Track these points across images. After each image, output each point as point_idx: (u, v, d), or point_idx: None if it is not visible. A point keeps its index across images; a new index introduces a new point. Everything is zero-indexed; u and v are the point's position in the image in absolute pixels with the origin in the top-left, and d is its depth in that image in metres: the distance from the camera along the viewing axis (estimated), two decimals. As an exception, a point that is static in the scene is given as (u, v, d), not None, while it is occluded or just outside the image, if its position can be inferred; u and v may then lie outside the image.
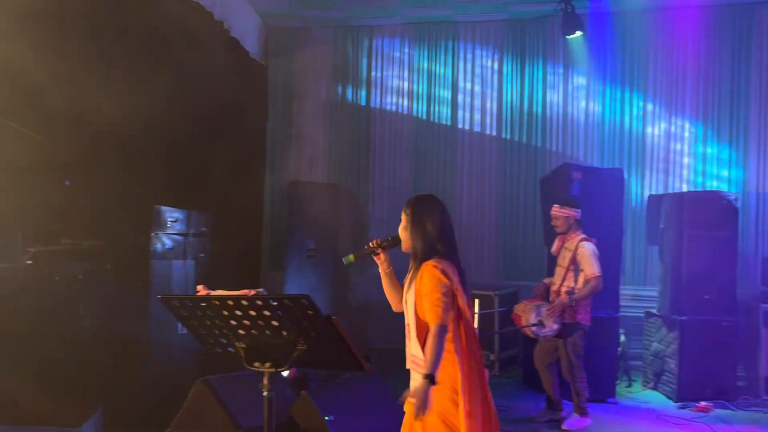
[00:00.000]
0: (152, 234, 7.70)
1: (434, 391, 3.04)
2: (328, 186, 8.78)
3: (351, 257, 3.36)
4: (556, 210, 6.11)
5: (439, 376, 3.07)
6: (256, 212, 9.61)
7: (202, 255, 7.78)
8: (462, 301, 3.20)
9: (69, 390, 6.18)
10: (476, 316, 5.80)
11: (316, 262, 7.86)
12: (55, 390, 6.19)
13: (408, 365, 3.29)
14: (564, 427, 5.95)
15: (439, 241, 3.25)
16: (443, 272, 3.16)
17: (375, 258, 3.40)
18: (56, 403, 5.34)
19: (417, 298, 3.19)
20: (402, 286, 3.41)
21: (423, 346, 3.15)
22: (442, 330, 3.08)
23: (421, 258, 3.25)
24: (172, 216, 7.57)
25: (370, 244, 3.38)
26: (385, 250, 3.39)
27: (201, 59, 7.18)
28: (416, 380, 3.17)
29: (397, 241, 3.35)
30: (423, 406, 2.98)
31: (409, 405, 3.17)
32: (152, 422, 5.41)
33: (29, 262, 8.75)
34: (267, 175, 9.90)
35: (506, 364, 8.09)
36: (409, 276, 3.33)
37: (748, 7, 8.36)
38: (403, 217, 3.35)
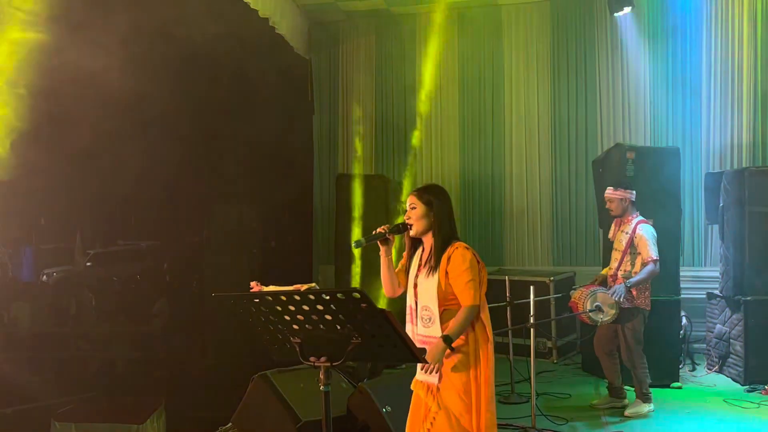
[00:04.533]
0: (206, 232, 7.82)
1: (459, 380, 3.30)
2: (376, 177, 8.75)
3: (362, 240, 3.48)
4: (609, 192, 5.96)
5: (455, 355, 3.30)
6: (305, 206, 9.66)
7: (255, 251, 7.86)
8: (484, 289, 3.37)
9: (132, 388, 6.33)
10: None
11: (367, 254, 7.83)
12: (118, 388, 6.34)
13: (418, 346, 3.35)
14: (627, 413, 5.82)
15: (453, 228, 3.46)
16: (475, 255, 3.35)
17: (380, 243, 3.51)
18: (120, 401, 5.47)
19: (451, 279, 3.32)
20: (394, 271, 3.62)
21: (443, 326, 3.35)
22: (474, 310, 3.29)
23: (444, 242, 3.40)
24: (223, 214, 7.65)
25: (379, 230, 3.50)
26: (394, 236, 3.52)
27: (249, 57, 7.24)
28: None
29: (404, 227, 3.50)
30: (437, 361, 3.26)
31: (417, 384, 3.44)
32: (213, 417, 5.49)
33: (89, 263, 8.97)
34: (315, 168, 9.94)
35: (564, 351, 7.96)
36: (420, 261, 3.51)
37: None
38: (418, 205, 3.46)
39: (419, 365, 3.38)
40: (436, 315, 3.35)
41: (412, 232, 3.48)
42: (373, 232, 3.50)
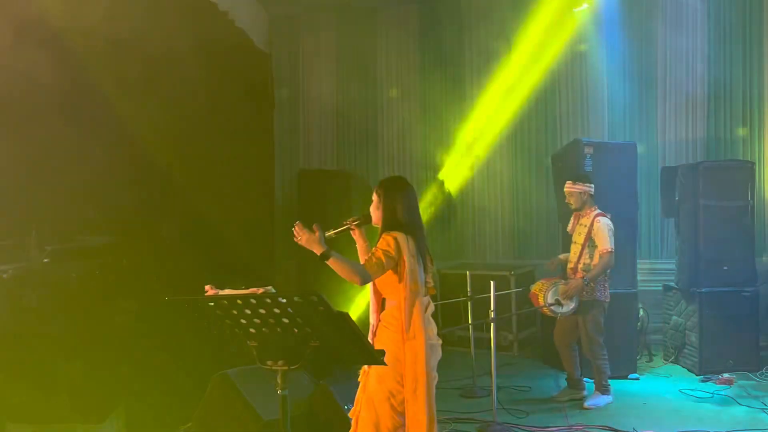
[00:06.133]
0: (166, 228, 7.70)
1: (382, 368, 3.39)
2: (338, 173, 8.72)
3: (331, 232, 3.66)
4: (569, 186, 6.04)
5: (385, 345, 3.41)
6: (266, 201, 9.57)
7: (215, 247, 7.76)
8: (405, 273, 3.47)
9: (90, 387, 6.21)
10: (492, 297, 5.74)
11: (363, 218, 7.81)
12: (76, 388, 6.23)
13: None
14: (586, 405, 5.91)
15: (404, 218, 3.57)
16: (395, 240, 3.48)
17: (351, 234, 3.76)
18: (78, 401, 5.37)
19: None
20: None
21: (379, 312, 3.64)
22: (362, 273, 3.41)
23: (383, 232, 3.59)
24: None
25: (345, 222, 3.73)
26: (359, 227, 3.75)
27: (208, 52, 7.13)
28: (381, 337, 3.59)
29: (368, 218, 3.71)
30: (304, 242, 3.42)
31: (364, 374, 3.60)
32: (174, 416, 5.44)
33: (46, 260, 8.79)
34: (277, 163, 9.86)
35: (525, 344, 8.04)
36: (367, 244, 3.77)
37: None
38: (374, 197, 3.69)
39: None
40: (376, 303, 3.65)
41: (373, 222, 3.70)
42: (342, 224, 3.73)
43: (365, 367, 3.60)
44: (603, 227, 5.83)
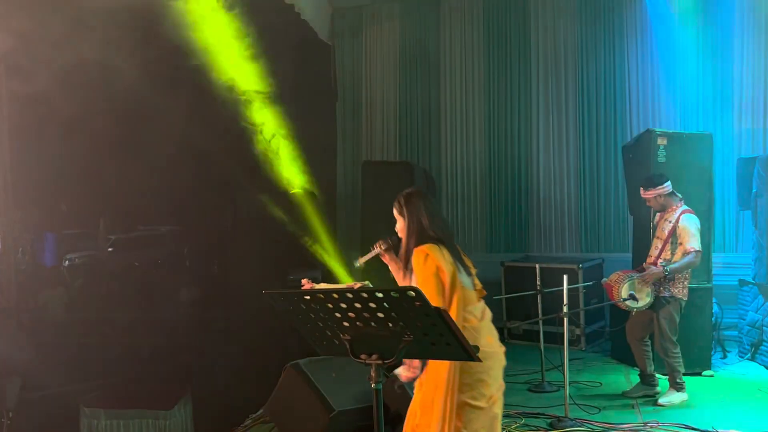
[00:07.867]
0: (228, 218, 7.78)
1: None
2: (401, 164, 8.66)
3: (361, 260, 3.58)
4: (642, 194, 5.90)
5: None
6: (329, 193, 9.59)
7: (277, 237, 7.81)
8: (444, 278, 3.25)
9: (159, 373, 6.33)
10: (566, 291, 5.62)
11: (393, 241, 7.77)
12: (145, 374, 6.35)
13: None
14: (660, 402, 5.76)
15: (432, 229, 3.38)
16: (426, 256, 3.26)
17: (382, 258, 3.57)
18: (147, 387, 5.47)
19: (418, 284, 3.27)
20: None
21: None
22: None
23: (413, 246, 3.37)
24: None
25: (374, 247, 3.56)
26: (388, 252, 3.56)
27: (274, 42, 7.17)
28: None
29: (396, 243, 3.51)
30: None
31: (419, 384, 3.35)
32: (239, 405, 5.49)
33: (111, 249, 8.98)
34: (339, 155, 9.87)
35: (592, 339, 7.88)
36: (400, 267, 3.49)
37: None
38: (397, 217, 3.48)
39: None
40: None
41: (403, 243, 3.50)
42: (371, 249, 3.58)
43: (422, 377, 3.38)
44: (689, 225, 5.65)
